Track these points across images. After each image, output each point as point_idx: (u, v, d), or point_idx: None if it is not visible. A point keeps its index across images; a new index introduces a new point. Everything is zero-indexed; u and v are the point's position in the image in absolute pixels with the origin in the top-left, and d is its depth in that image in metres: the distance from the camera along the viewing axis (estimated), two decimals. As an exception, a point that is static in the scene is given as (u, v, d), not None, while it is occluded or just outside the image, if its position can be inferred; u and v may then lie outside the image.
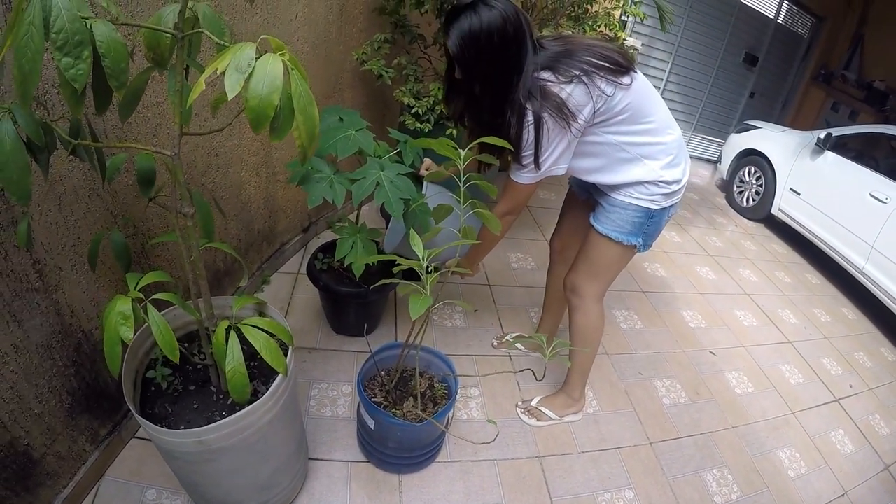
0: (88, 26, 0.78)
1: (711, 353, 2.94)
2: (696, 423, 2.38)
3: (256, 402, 1.21)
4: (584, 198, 1.97)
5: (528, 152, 1.52)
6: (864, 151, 4.47)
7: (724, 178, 5.72)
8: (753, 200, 5.27)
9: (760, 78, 7.11)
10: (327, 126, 1.76)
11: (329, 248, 2.26)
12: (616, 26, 2.57)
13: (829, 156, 4.47)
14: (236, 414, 1.18)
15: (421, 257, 1.27)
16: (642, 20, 2.82)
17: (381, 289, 2.03)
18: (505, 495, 1.81)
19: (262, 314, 1.46)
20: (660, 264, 3.80)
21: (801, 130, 5.17)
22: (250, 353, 1.29)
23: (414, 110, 2.53)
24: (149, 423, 1.16)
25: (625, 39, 3.16)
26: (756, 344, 3.18)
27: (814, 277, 4.43)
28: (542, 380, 2.31)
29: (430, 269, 1.28)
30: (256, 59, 0.76)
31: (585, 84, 1.44)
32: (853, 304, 4.14)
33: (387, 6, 2.67)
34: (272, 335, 1.20)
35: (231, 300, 1.34)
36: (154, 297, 1.13)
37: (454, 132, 2.48)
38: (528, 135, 1.49)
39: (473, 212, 1.41)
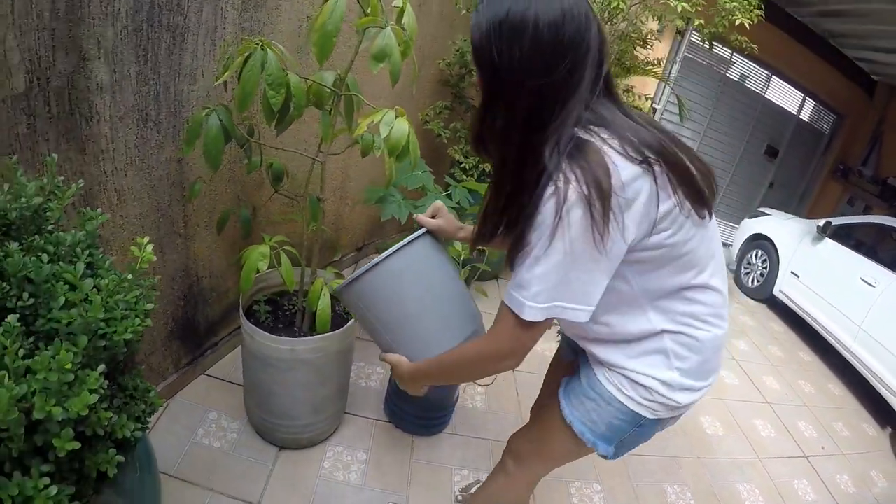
0: (286, 75, 1.42)
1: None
2: (664, 447, 2.70)
3: (336, 331, 1.77)
4: (570, 359, 1.45)
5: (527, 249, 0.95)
6: (862, 240, 4.82)
7: (734, 259, 6.11)
8: (758, 282, 5.65)
9: (780, 169, 7.54)
10: (401, 168, 2.35)
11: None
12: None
13: (828, 242, 4.87)
14: (321, 335, 1.75)
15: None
16: (652, 115, 3.43)
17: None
18: (493, 467, 2.24)
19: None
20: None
21: (807, 219, 5.61)
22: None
23: (462, 165, 3.16)
24: (257, 328, 1.74)
25: None
26: (734, 399, 3.47)
27: (806, 355, 4.68)
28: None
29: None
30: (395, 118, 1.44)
31: (655, 182, 0.91)
32: (840, 381, 4.35)
33: (450, 80, 3.35)
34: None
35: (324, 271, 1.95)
36: (282, 248, 1.75)
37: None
38: (542, 217, 0.91)
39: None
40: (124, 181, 1.65)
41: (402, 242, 1.20)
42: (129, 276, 1.00)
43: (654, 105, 3.54)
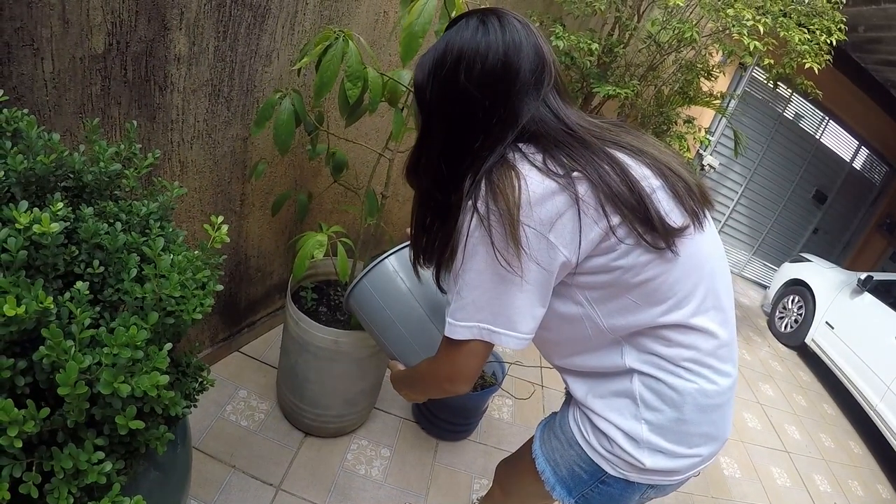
0: (366, 69, 1.43)
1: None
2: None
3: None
4: None
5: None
6: (903, 300, 4.73)
7: (770, 301, 6.01)
8: (791, 328, 5.55)
9: (826, 216, 7.46)
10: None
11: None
12: (686, 148, 3.11)
13: (867, 297, 4.75)
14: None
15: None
16: (707, 146, 3.38)
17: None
18: None
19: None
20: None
21: (848, 270, 5.50)
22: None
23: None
24: (303, 315, 1.75)
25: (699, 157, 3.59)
26: (754, 443, 3.45)
27: (830, 408, 4.63)
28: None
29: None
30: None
31: (577, 200, 0.83)
32: (861, 440, 4.29)
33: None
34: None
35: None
36: (339, 239, 1.77)
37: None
38: (457, 235, 0.90)
39: None
40: (189, 154, 1.68)
41: (389, 252, 1.30)
42: (198, 254, 1.00)
43: (709, 136, 3.49)
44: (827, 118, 6.78)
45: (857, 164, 7.27)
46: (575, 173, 0.84)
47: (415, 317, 1.29)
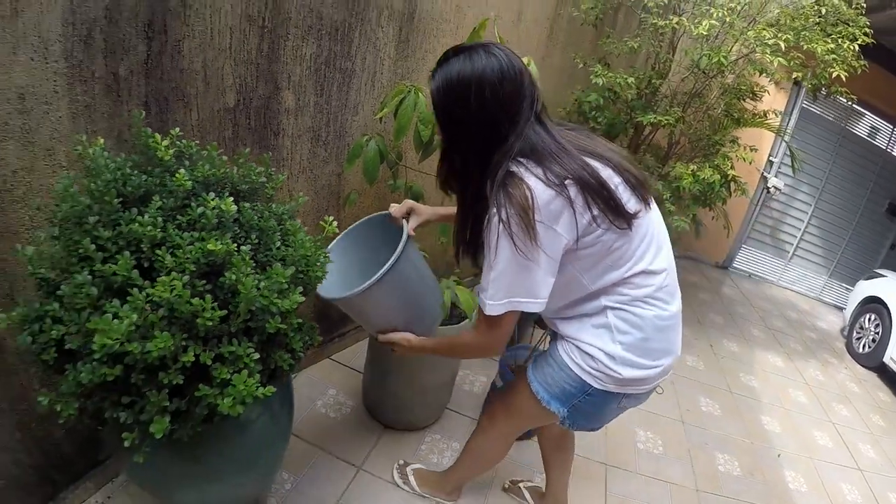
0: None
1: (777, 455, 3.22)
2: (741, 493, 2.74)
3: (451, 326, 2.15)
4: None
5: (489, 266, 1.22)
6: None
7: (847, 322, 5.82)
8: (869, 347, 5.34)
9: (903, 229, 7.06)
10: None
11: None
12: (728, 165, 3.25)
13: (947, 309, 4.55)
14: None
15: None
16: (750, 162, 3.47)
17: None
18: (574, 484, 2.22)
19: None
20: (754, 377, 4.18)
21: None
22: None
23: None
24: None
25: (740, 182, 3.57)
26: (823, 460, 3.37)
27: None
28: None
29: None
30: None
31: (570, 200, 1.13)
32: None
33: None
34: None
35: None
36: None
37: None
38: (488, 237, 1.19)
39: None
40: (296, 185, 2.10)
41: (396, 253, 1.43)
42: (319, 239, 1.43)
43: (770, 158, 3.61)
44: (893, 127, 6.55)
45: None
46: (567, 181, 1.14)
47: (415, 292, 1.56)
